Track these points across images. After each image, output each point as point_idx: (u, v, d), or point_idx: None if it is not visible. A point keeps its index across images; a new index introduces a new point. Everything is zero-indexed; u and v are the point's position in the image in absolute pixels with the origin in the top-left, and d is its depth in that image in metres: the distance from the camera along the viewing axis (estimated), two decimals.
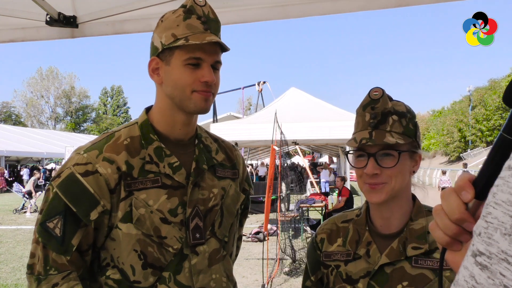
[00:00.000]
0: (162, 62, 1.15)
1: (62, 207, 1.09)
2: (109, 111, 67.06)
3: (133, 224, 1.11)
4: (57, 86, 60.40)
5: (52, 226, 1.08)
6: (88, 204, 1.09)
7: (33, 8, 2.11)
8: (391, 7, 2.01)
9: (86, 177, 1.10)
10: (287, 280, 6.36)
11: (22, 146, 27.51)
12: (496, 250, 0.34)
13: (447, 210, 0.52)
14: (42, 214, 1.11)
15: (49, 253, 1.08)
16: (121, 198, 1.11)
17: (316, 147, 22.39)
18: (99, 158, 1.12)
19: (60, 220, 1.08)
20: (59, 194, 1.09)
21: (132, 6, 2.14)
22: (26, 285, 1.01)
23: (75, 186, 1.09)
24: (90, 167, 1.11)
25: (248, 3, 2.13)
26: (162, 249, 1.13)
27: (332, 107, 11.16)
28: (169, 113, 1.19)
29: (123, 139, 1.17)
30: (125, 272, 1.13)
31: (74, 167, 1.11)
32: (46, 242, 1.08)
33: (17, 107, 59.60)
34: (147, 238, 1.12)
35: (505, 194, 0.36)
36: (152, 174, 1.14)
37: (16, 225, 12.04)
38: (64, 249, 1.08)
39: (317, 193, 11.26)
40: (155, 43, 1.16)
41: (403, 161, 1.07)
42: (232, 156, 1.37)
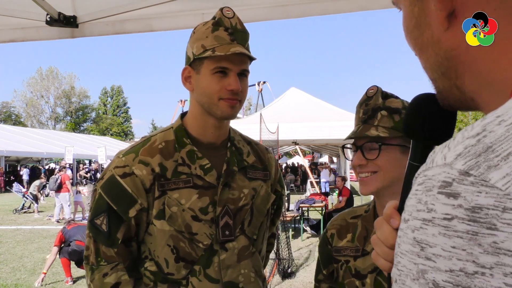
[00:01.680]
0: (194, 71, 1.25)
1: (105, 206, 1.23)
2: (109, 111, 67.02)
3: (166, 221, 1.22)
4: (57, 86, 60.33)
5: (99, 223, 1.23)
6: (127, 203, 1.22)
7: (33, 8, 2.11)
8: (391, 7, 2.01)
9: (124, 178, 1.22)
10: (287, 280, 6.36)
11: (22, 146, 27.49)
12: None
13: (382, 239, 0.58)
14: (91, 212, 1.26)
15: (99, 246, 1.23)
16: (155, 197, 1.22)
17: (316, 147, 22.39)
18: (135, 161, 1.23)
19: (105, 217, 1.22)
20: (102, 195, 1.24)
21: (132, 6, 2.14)
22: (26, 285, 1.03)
23: (115, 187, 1.23)
24: (128, 169, 1.22)
25: (248, 3, 2.13)
26: (193, 244, 1.23)
27: (332, 107, 11.16)
28: (200, 118, 1.28)
29: (158, 143, 1.27)
30: (160, 264, 1.24)
31: (114, 169, 1.24)
32: (96, 236, 1.23)
33: (17, 107, 59.55)
34: (179, 234, 1.22)
35: (407, 245, 0.41)
36: (185, 175, 1.24)
37: (16, 225, 12.05)
38: (111, 242, 1.22)
39: (317, 193, 11.26)
40: (187, 53, 1.26)
41: (390, 154, 1.10)
42: (264, 158, 1.44)
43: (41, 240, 9.71)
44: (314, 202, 10.04)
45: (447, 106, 0.54)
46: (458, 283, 0.36)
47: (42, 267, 7.21)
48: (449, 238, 0.37)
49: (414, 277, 0.40)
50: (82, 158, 30.83)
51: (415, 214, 0.41)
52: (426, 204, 0.40)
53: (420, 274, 0.39)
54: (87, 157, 29.03)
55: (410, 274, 0.40)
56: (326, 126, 9.31)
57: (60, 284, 6.22)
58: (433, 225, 0.39)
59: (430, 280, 0.38)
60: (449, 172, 0.39)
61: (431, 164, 0.43)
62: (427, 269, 0.38)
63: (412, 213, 0.41)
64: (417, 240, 0.40)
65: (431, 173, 0.41)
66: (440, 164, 0.41)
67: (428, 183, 0.41)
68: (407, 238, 0.41)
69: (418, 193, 0.42)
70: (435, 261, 0.38)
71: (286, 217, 9.82)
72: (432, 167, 0.42)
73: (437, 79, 0.52)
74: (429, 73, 0.53)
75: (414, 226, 0.40)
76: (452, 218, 0.37)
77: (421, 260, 0.39)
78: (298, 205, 10.30)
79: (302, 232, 9.80)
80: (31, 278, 6.56)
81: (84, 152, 29.99)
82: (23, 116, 59.62)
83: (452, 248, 0.37)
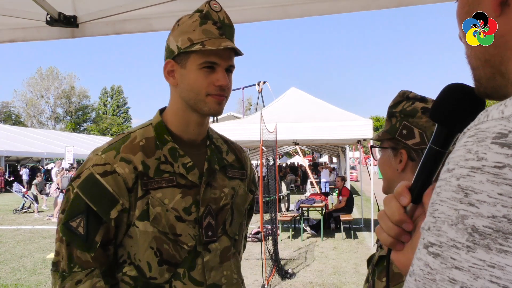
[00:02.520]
0: (178, 65, 1.19)
1: (83, 207, 1.12)
2: (109, 111, 66.99)
3: (149, 222, 1.15)
4: (57, 86, 60.32)
5: (75, 225, 1.12)
6: (108, 203, 1.13)
7: (33, 8, 2.11)
8: (391, 7, 2.01)
9: (105, 177, 1.13)
10: (287, 280, 6.36)
11: (22, 146, 27.48)
12: (446, 239, 0.40)
13: (388, 214, 0.60)
14: (64, 214, 1.14)
15: (73, 251, 1.12)
16: (138, 197, 1.15)
17: (316, 147, 22.38)
18: (116, 158, 1.15)
19: (83, 219, 1.12)
20: (79, 195, 1.13)
21: (132, 6, 2.14)
22: (26, 285, 1.02)
23: (94, 186, 1.13)
24: (109, 167, 1.14)
25: (248, 3, 2.13)
26: (177, 246, 1.18)
27: (332, 107, 11.15)
28: (182, 114, 1.23)
29: (138, 140, 1.20)
30: (142, 268, 1.16)
31: (93, 167, 1.14)
32: (71, 240, 1.12)
33: (17, 107, 59.54)
34: (163, 235, 1.16)
35: (448, 192, 0.42)
36: (167, 174, 1.18)
37: (16, 225, 12.04)
38: (88, 246, 1.12)
39: (317, 193, 11.26)
40: (170, 46, 1.20)
41: (384, 156, 1.16)
42: (240, 158, 1.41)
43: (41, 240, 9.71)
44: (314, 202, 10.04)
45: (483, 94, 0.56)
46: (499, 229, 0.37)
47: (42, 267, 7.21)
48: (497, 185, 0.38)
49: (453, 223, 0.40)
50: (82, 158, 30.79)
51: (463, 163, 0.42)
52: (476, 153, 0.41)
53: (460, 220, 0.40)
54: None
55: (448, 219, 0.41)
56: (326, 126, 9.30)
57: None
58: (481, 173, 0.39)
59: (469, 225, 0.39)
60: (506, 125, 0.40)
61: (485, 119, 0.43)
62: (468, 215, 0.39)
63: (459, 163, 0.42)
64: (462, 187, 0.41)
65: (485, 126, 0.42)
66: (496, 118, 0.42)
67: (481, 135, 0.42)
68: (449, 186, 0.42)
69: (468, 143, 0.42)
70: (478, 207, 0.39)
71: (286, 217, 9.82)
72: (487, 121, 0.43)
73: (480, 67, 0.53)
74: (472, 61, 0.54)
75: (461, 174, 0.41)
76: (503, 166, 0.38)
77: (463, 206, 0.40)
78: (298, 205, 10.30)
79: (302, 232, 9.80)
80: (31, 278, 6.55)
81: (84, 152, 29.97)
82: (23, 116, 59.62)
83: (498, 195, 0.38)
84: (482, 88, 0.54)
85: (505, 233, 0.37)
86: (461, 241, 0.39)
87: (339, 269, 6.93)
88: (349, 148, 16.25)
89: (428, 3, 2.04)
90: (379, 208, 7.69)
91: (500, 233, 0.37)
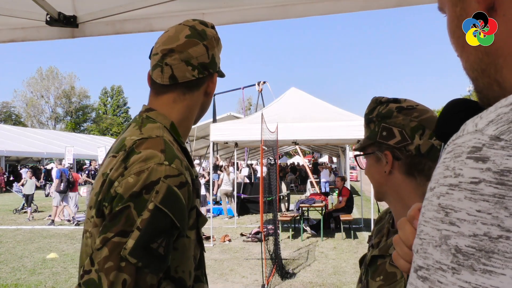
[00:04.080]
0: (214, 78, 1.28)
1: (169, 225, 1.01)
2: (109, 111, 66.98)
3: (197, 229, 1.14)
4: (57, 86, 60.32)
5: (156, 246, 0.99)
6: (185, 217, 1.06)
7: (33, 8, 2.11)
8: (391, 7, 2.01)
9: (181, 189, 1.04)
10: (287, 280, 6.36)
11: (22, 146, 27.49)
12: (432, 262, 0.39)
13: (403, 239, 0.58)
14: (140, 236, 0.97)
15: (143, 276, 0.98)
16: (192, 206, 1.10)
17: (316, 147, 22.39)
18: (183, 166, 1.07)
19: (166, 238, 1.00)
20: (165, 211, 1.00)
21: (132, 6, 2.14)
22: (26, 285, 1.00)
23: (178, 200, 1.03)
24: (183, 178, 1.05)
25: (248, 3, 2.13)
26: (200, 249, 1.19)
27: (332, 107, 11.15)
28: (191, 120, 1.28)
29: (175, 144, 1.15)
30: (184, 279, 1.10)
31: (168, 180, 1.02)
32: (147, 264, 0.98)
33: (17, 107, 59.53)
34: (197, 242, 1.16)
35: (431, 212, 0.41)
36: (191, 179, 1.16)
37: (16, 225, 12.05)
38: (164, 268, 1.02)
39: (317, 193, 11.26)
40: (216, 60, 1.25)
41: (369, 162, 1.18)
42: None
43: (41, 240, 9.71)
44: (314, 202, 10.05)
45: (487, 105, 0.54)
46: (481, 248, 0.36)
47: (42, 267, 7.22)
48: (474, 202, 0.37)
49: (436, 244, 0.39)
50: (82, 158, 30.81)
51: (442, 180, 0.41)
52: (453, 169, 0.40)
53: (443, 240, 0.39)
54: (87, 157, 29.01)
55: (432, 241, 0.40)
56: (326, 126, 9.30)
57: (60, 284, 6.22)
58: (459, 190, 0.39)
59: (452, 245, 0.38)
60: (480, 138, 0.40)
61: (461, 133, 0.43)
62: (450, 235, 0.38)
63: (439, 180, 0.41)
64: (442, 205, 0.40)
65: (461, 140, 0.41)
66: (471, 131, 0.41)
67: (457, 150, 0.41)
68: (431, 205, 0.41)
69: (446, 160, 0.42)
70: (459, 226, 0.38)
71: (286, 217, 9.82)
72: (463, 135, 0.42)
73: (478, 78, 0.52)
74: (470, 73, 0.53)
75: (440, 192, 0.40)
76: (479, 182, 0.38)
77: (445, 226, 0.39)
78: (298, 205, 10.31)
79: (302, 232, 9.80)
80: (31, 278, 6.55)
81: (84, 152, 29.99)
82: (23, 116, 59.63)
83: (477, 212, 0.37)
84: (486, 100, 0.53)
85: (487, 252, 0.36)
86: (446, 263, 0.38)
87: (339, 269, 6.93)
88: (349, 148, 16.24)
89: (428, 3, 2.04)
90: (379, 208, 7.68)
91: (482, 252, 0.36)
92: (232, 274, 6.69)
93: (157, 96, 1.22)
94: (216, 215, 13.60)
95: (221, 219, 13.05)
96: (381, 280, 1.10)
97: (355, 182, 25.59)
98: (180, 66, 1.18)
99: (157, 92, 1.22)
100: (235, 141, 10.97)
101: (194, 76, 1.19)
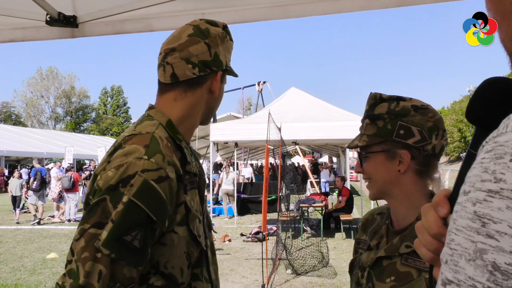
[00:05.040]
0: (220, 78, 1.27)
1: (143, 218, 1.02)
2: (109, 111, 66.98)
3: (186, 226, 1.14)
4: (57, 86, 60.30)
5: (130, 239, 1.00)
6: (164, 211, 1.07)
7: (33, 8, 2.11)
8: (391, 7, 2.01)
9: (160, 183, 1.05)
10: (287, 280, 6.36)
11: (22, 146, 27.49)
12: (464, 277, 0.35)
13: (426, 226, 0.53)
14: (113, 228, 0.99)
15: (118, 268, 0.99)
16: (180, 202, 1.12)
17: (316, 147, 22.38)
18: (165, 162, 1.08)
19: (141, 231, 1.01)
20: (138, 204, 1.01)
21: (132, 6, 2.14)
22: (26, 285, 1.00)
23: (154, 194, 1.04)
24: (163, 172, 1.06)
25: (248, 3, 2.13)
26: (198, 247, 1.19)
27: (332, 107, 11.16)
28: (195, 118, 1.27)
29: (165, 141, 1.14)
30: (174, 275, 1.11)
31: (145, 174, 1.04)
32: (122, 256, 0.99)
33: (17, 107, 59.49)
34: (192, 239, 1.16)
35: (464, 220, 0.36)
36: (188, 175, 1.18)
37: (16, 225, 12.04)
38: (142, 261, 1.03)
39: (317, 193, 11.25)
40: (221, 58, 1.23)
41: (376, 160, 1.14)
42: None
43: (41, 240, 9.71)
44: (314, 202, 10.04)
45: None
46: None
47: (42, 267, 7.22)
48: None
49: (470, 258, 0.35)
50: (82, 158, 30.81)
51: (479, 185, 0.36)
52: (494, 173, 0.35)
53: (478, 254, 0.34)
54: (87, 157, 28.99)
55: (465, 253, 0.35)
56: (326, 126, 9.31)
57: None
58: (500, 198, 0.34)
59: (489, 261, 0.33)
60: None
61: (504, 130, 0.37)
62: (487, 249, 0.34)
63: (475, 184, 0.36)
64: (478, 214, 0.35)
65: (504, 138, 0.36)
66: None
67: (498, 150, 0.36)
68: (465, 212, 0.36)
69: (485, 161, 0.36)
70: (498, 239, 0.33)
71: (286, 217, 9.81)
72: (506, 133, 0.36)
73: None
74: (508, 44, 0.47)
75: (476, 198, 0.36)
76: None
77: (481, 238, 0.34)
78: (298, 205, 10.30)
79: (302, 232, 9.80)
80: (31, 278, 6.55)
81: (84, 152, 29.98)
82: (23, 116, 59.61)
83: None
84: None
85: None
86: (481, 281, 0.33)
87: (339, 269, 6.93)
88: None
89: (428, 3, 2.04)
90: None
91: None
92: (232, 274, 6.69)
93: (160, 95, 1.25)
94: (217, 215, 13.60)
95: (221, 219, 13.06)
96: (393, 281, 1.07)
97: (355, 182, 25.58)
98: (180, 65, 1.19)
99: (161, 90, 1.25)
100: (235, 141, 10.97)
101: (195, 74, 1.20)
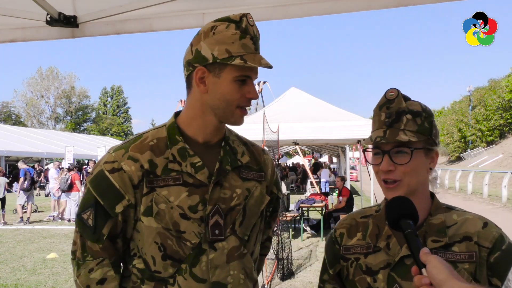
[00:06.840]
0: (210, 73, 1.22)
1: (92, 201, 1.24)
2: (109, 111, 66.98)
3: (153, 217, 1.22)
4: (57, 86, 60.23)
5: (86, 217, 1.23)
6: (114, 198, 1.22)
7: (33, 8, 2.11)
8: (391, 7, 2.01)
9: (113, 173, 1.23)
10: (287, 280, 6.36)
11: (22, 146, 27.47)
12: None
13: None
14: (79, 207, 1.27)
15: (85, 241, 1.24)
16: (144, 194, 1.23)
17: (316, 147, 22.38)
18: (124, 156, 1.24)
19: (92, 212, 1.23)
20: (90, 189, 1.24)
21: (132, 6, 2.14)
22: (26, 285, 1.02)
23: (103, 181, 1.23)
24: (116, 164, 1.24)
25: (248, 3, 2.13)
26: (181, 242, 1.22)
27: (332, 107, 11.15)
28: (202, 118, 1.28)
29: (149, 139, 1.28)
30: (147, 261, 1.24)
31: (103, 164, 1.25)
32: (82, 231, 1.24)
33: (17, 107, 59.43)
34: (166, 231, 1.22)
35: None
36: (175, 173, 1.24)
37: (16, 225, 12.04)
38: (97, 237, 1.22)
39: (317, 193, 11.25)
40: (203, 53, 1.21)
41: (417, 158, 1.12)
42: (259, 159, 1.42)
43: (41, 240, 9.71)
44: (314, 202, 10.03)
45: None
46: None
47: (42, 267, 7.22)
48: None
49: None
50: (82, 158, 30.80)
51: None
52: None
53: None
54: (87, 157, 28.97)
55: None
56: (326, 126, 9.30)
57: (60, 284, 6.22)
58: None
59: None
60: None
61: None
62: None
63: None
64: None
65: None
66: None
67: None
68: None
69: None
70: None
71: (286, 217, 9.81)
72: None
73: None
74: None
75: None
76: None
77: None
78: (298, 205, 10.29)
79: (302, 232, 9.79)
80: (31, 278, 6.55)
81: (84, 152, 29.98)
82: (23, 116, 59.58)
83: None
84: None
85: None
86: None
87: None
88: (349, 148, 16.24)
89: (428, 3, 2.04)
90: None
91: None
92: None
93: None
94: None
95: None
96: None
97: (355, 182, 25.58)
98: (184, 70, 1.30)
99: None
100: None
101: (185, 75, 1.29)
